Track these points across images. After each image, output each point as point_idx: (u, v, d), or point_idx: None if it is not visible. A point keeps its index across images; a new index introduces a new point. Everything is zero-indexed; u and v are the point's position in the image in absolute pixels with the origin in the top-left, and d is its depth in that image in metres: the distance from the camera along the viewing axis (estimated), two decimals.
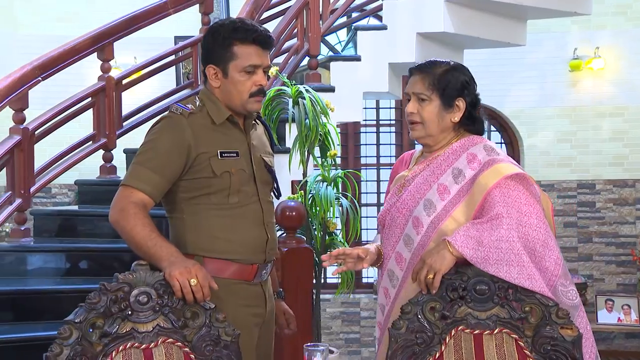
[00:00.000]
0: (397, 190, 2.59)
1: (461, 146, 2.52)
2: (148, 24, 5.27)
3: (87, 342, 2.12)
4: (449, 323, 2.32)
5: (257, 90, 2.56)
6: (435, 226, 2.45)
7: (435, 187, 2.48)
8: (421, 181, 2.52)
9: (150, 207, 2.47)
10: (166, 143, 2.48)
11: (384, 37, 5.17)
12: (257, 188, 2.61)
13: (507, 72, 8.39)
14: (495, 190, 2.38)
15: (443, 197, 2.46)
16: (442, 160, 2.51)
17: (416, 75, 2.53)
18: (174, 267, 2.25)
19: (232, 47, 2.53)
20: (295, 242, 3.73)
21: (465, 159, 2.48)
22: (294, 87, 3.98)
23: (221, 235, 2.53)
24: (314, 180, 4.01)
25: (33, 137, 4.68)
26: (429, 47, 5.29)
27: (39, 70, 4.71)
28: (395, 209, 2.55)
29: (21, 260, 4.55)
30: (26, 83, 4.62)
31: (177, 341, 2.23)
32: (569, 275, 2.42)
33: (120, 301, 2.18)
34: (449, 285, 2.32)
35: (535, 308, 2.28)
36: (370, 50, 5.11)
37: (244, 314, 2.55)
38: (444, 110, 2.49)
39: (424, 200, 2.48)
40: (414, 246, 2.48)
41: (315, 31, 4.95)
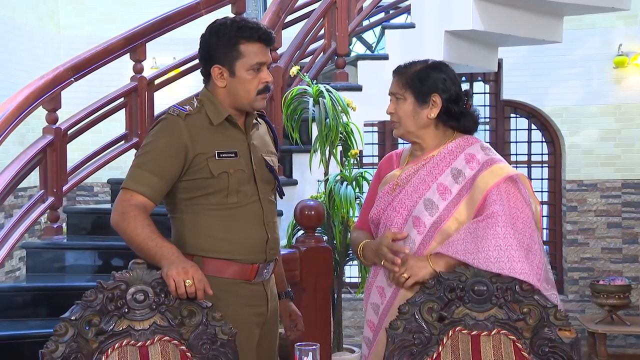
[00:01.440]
0: (390, 189, 2.60)
1: (457, 146, 2.55)
2: (180, 25, 5.31)
3: (82, 340, 2.16)
4: (447, 324, 2.30)
5: (264, 88, 2.58)
6: (438, 226, 2.47)
7: (434, 187, 2.51)
8: (418, 181, 2.54)
9: (151, 209, 2.49)
10: (163, 145, 2.50)
11: (412, 36, 5.15)
12: (258, 188, 2.61)
13: (548, 70, 8.26)
14: (494, 189, 2.42)
15: (444, 197, 2.48)
16: (439, 160, 2.54)
17: (394, 76, 2.61)
18: (172, 267, 2.27)
19: (238, 45, 2.54)
20: (314, 241, 3.73)
21: (463, 159, 2.52)
22: (314, 87, 3.98)
23: (220, 235, 2.54)
24: (334, 180, 4.00)
25: (65, 137, 4.78)
26: (457, 45, 5.25)
27: (71, 71, 4.80)
28: (392, 208, 2.56)
29: (54, 257, 4.65)
30: (59, 84, 4.71)
31: (174, 339, 2.25)
32: (552, 280, 2.47)
33: (116, 299, 2.21)
34: (447, 286, 2.31)
35: (534, 309, 2.26)
36: (399, 48, 5.09)
37: (245, 314, 2.56)
38: (418, 106, 2.54)
39: (424, 200, 2.50)
40: (415, 246, 2.49)
41: (342, 30, 4.95)
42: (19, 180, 4.52)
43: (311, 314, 3.72)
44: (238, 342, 2.50)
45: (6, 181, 4.30)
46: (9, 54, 7.01)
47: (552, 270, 8.35)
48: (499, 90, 8.76)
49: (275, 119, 4.54)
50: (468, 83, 8.94)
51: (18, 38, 7.29)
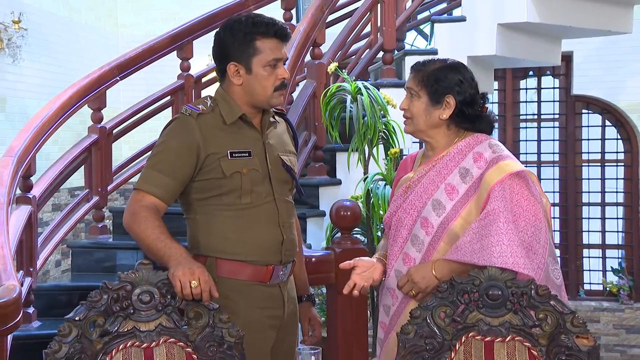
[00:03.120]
0: (403, 192, 2.62)
1: (467, 145, 2.54)
2: None
3: (87, 340, 2.19)
4: (460, 329, 2.27)
5: (281, 84, 2.58)
6: (445, 226, 2.49)
7: (442, 187, 2.52)
8: (428, 182, 2.55)
9: (163, 209, 2.53)
10: (175, 145, 2.53)
11: (463, 29, 5.09)
12: (273, 188, 2.61)
13: (624, 62, 8.05)
14: (497, 186, 2.43)
15: (452, 197, 2.50)
16: (448, 160, 2.54)
17: (412, 72, 2.61)
18: (179, 267, 2.30)
19: (254, 42, 2.55)
20: (350, 243, 3.72)
21: (471, 158, 2.51)
22: (353, 84, 3.98)
23: (234, 236, 2.55)
24: (372, 180, 3.98)
25: (110, 136, 4.90)
26: (512, 38, 5.16)
27: (117, 70, 4.91)
28: (402, 210, 2.59)
29: (99, 256, 4.76)
30: (104, 83, 4.83)
31: (180, 341, 2.27)
32: (557, 257, 2.50)
33: (122, 300, 2.24)
34: (460, 290, 2.27)
35: (550, 315, 2.21)
36: (448, 43, 5.05)
37: (258, 316, 2.57)
38: (431, 106, 2.54)
39: (432, 201, 2.52)
40: (423, 247, 2.51)
41: (389, 24, 4.93)
42: (64, 179, 4.65)
43: (347, 317, 3.72)
44: (251, 344, 2.53)
45: (50, 180, 4.44)
46: (68, 54, 7.23)
47: (629, 276, 8.22)
48: (569, 84, 8.59)
49: (316, 118, 4.56)
50: (536, 78, 8.80)
51: (76, 37, 7.51)
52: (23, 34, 6.28)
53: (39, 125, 4.25)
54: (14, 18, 6.24)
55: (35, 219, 4.24)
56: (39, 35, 6.78)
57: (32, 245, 4.21)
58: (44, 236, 4.49)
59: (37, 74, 6.73)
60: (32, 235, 4.20)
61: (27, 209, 4.16)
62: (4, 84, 6.40)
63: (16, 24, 6.20)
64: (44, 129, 4.29)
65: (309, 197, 4.65)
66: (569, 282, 8.43)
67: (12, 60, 6.29)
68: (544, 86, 8.82)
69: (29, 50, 6.49)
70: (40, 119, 4.31)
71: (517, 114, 8.76)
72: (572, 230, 8.68)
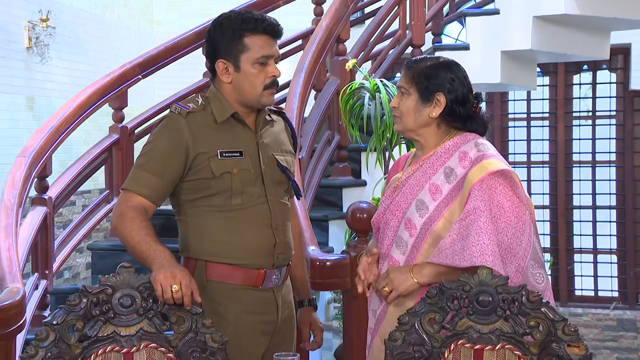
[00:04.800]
0: (391, 192, 2.63)
1: (454, 144, 2.55)
2: None
3: (64, 345, 2.23)
4: (449, 336, 2.27)
5: (271, 82, 2.60)
6: (428, 227, 2.50)
7: (427, 187, 2.53)
8: (414, 182, 2.57)
9: (152, 210, 2.57)
10: (164, 144, 2.57)
11: (496, 23, 5.06)
12: (266, 189, 2.63)
13: None
14: (477, 184, 2.43)
15: (435, 197, 2.51)
16: (435, 160, 2.55)
17: (403, 69, 2.62)
18: (161, 271, 2.33)
19: (242, 38, 2.57)
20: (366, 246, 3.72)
21: (457, 157, 2.52)
22: (372, 81, 3.98)
23: (224, 238, 2.58)
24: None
25: (132, 136, 4.98)
26: (549, 31, 5.10)
27: (139, 68, 5.01)
28: (389, 211, 2.59)
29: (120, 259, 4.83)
30: (125, 81, 4.93)
31: (161, 346, 2.30)
32: (542, 261, 2.47)
33: (102, 304, 2.27)
34: (449, 296, 2.27)
35: (542, 323, 2.19)
36: (481, 37, 5.02)
37: (250, 322, 2.60)
38: (421, 104, 2.55)
39: (416, 201, 2.53)
40: (407, 249, 2.52)
41: (419, 19, 4.91)
42: (83, 180, 4.75)
43: (362, 323, 3.71)
44: (241, 350, 2.57)
45: (67, 180, 4.54)
46: (99, 52, 7.37)
47: None
48: (627, 79, 8.43)
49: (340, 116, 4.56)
50: (591, 72, 8.66)
51: (108, 35, 7.65)
52: (51, 32, 6.42)
53: (55, 126, 4.36)
54: (42, 16, 6.37)
55: (52, 220, 4.35)
56: (68, 33, 6.92)
57: (48, 247, 4.32)
58: (61, 238, 4.60)
59: (66, 72, 6.87)
60: (47, 237, 4.31)
61: (42, 210, 4.27)
62: (32, 83, 6.55)
63: (44, 22, 6.34)
64: (60, 129, 4.40)
65: (332, 199, 4.67)
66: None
67: (40, 59, 6.44)
68: (600, 81, 8.68)
69: (58, 49, 6.64)
70: (57, 119, 4.42)
71: (569, 111, 8.63)
72: (631, 233, 8.53)
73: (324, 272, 3.43)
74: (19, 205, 3.88)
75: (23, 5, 6.41)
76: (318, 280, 3.45)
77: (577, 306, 8.50)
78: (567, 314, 7.97)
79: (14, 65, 6.35)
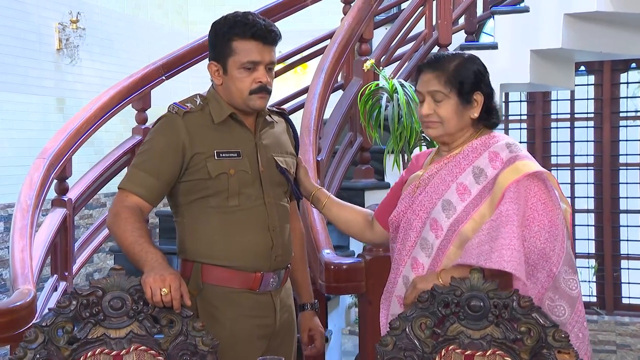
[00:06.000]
0: (412, 191, 2.59)
1: (482, 144, 2.52)
2: (283, 17, 5.43)
3: (54, 347, 2.29)
4: (440, 341, 2.28)
5: (258, 88, 2.63)
6: (455, 229, 2.46)
7: (454, 186, 2.49)
8: (439, 181, 2.53)
9: (147, 210, 2.63)
10: (160, 144, 2.62)
11: (526, 21, 5.02)
12: (264, 190, 2.67)
13: None
14: (512, 186, 2.40)
15: (463, 198, 2.47)
16: (462, 159, 2.51)
17: (428, 72, 2.53)
18: (151, 273, 2.38)
19: (231, 42, 2.61)
20: (382, 250, 3.73)
21: (486, 158, 2.48)
22: (390, 82, 3.99)
23: (220, 240, 2.62)
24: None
25: None
26: (581, 29, 5.05)
27: (162, 70, 5.07)
28: (411, 211, 2.56)
29: None
30: (149, 83, 4.99)
31: (151, 349, 2.34)
32: (575, 267, 2.45)
33: (92, 306, 2.33)
34: (441, 300, 2.28)
35: (533, 328, 2.20)
36: (510, 36, 4.98)
37: (246, 325, 2.63)
38: (462, 107, 2.50)
39: (442, 201, 2.49)
40: (433, 251, 2.48)
41: (445, 17, 4.90)
42: (105, 181, 4.83)
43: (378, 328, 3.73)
44: (237, 354, 2.61)
45: (88, 182, 4.62)
46: (131, 53, 7.50)
47: None
48: None
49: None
50: (638, 70, 8.53)
51: (140, 35, 7.77)
52: (81, 33, 6.56)
53: (75, 127, 4.45)
54: (72, 18, 6.50)
55: (71, 221, 4.43)
56: (99, 34, 7.06)
57: (68, 248, 4.40)
58: (82, 240, 4.69)
59: (97, 73, 7.01)
60: (67, 238, 4.39)
61: (62, 212, 4.35)
62: (63, 85, 6.70)
63: (74, 24, 6.47)
64: (81, 131, 4.48)
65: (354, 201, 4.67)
66: None
67: (70, 61, 6.58)
68: None
69: (88, 50, 6.78)
70: (77, 120, 4.51)
71: (615, 111, 8.50)
72: None
73: (338, 275, 3.43)
74: (36, 207, 3.96)
75: (54, 6, 6.56)
76: (333, 284, 3.46)
77: (624, 315, 8.35)
78: (614, 322, 7.84)
79: (44, 67, 6.49)
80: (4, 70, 6.27)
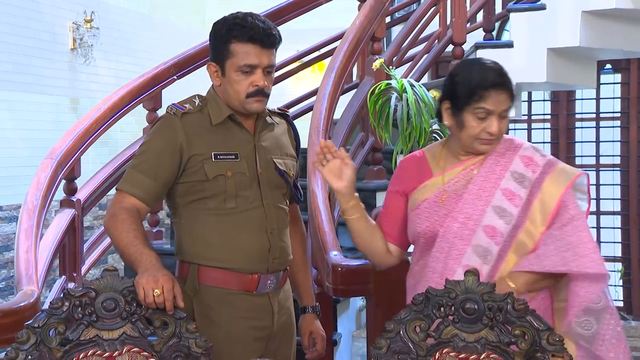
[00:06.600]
0: (438, 199, 2.59)
1: (506, 148, 2.59)
2: (296, 15, 5.47)
3: (46, 348, 2.33)
4: (434, 344, 2.30)
5: (255, 91, 2.66)
6: (514, 234, 2.53)
7: (498, 193, 2.55)
8: (476, 188, 2.57)
9: (145, 211, 2.67)
10: (158, 145, 2.67)
11: (543, 19, 5.00)
12: (262, 192, 2.69)
13: None
14: (569, 190, 2.54)
15: (516, 204, 2.54)
16: (493, 164, 2.58)
17: (502, 91, 2.52)
18: (144, 274, 2.42)
19: (229, 44, 2.65)
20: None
21: (521, 162, 2.57)
22: (400, 81, 4.00)
23: (217, 242, 2.66)
24: None
25: None
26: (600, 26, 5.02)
27: (174, 69, 5.12)
28: (451, 218, 2.57)
29: None
30: (160, 82, 5.04)
31: (144, 350, 2.38)
32: None
33: (85, 307, 2.37)
34: (435, 303, 2.30)
35: (527, 332, 2.21)
36: (526, 34, 4.98)
37: (242, 327, 2.67)
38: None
39: (493, 208, 2.54)
40: (492, 257, 2.53)
41: (460, 15, 4.90)
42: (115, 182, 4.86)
43: None
44: (232, 355, 2.64)
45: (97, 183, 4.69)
46: (146, 52, 7.57)
47: None
48: None
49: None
50: None
51: (156, 35, 7.84)
52: (95, 33, 6.63)
53: (84, 127, 4.50)
54: (86, 17, 6.57)
55: (80, 222, 4.49)
56: (114, 33, 7.13)
57: (77, 250, 4.46)
58: (91, 240, 4.75)
59: (112, 73, 7.08)
60: (75, 239, 4.44)
61: (70, 213, 4.41)
62: (77, 85, 6.77)
63: (88, 23, 6.53)
64: (90, 131, 4.54)
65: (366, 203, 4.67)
66: None
67: (84, 60, 6.64)
68: None
69: (103, 50, 6.84)
70: (87, 120, 4.57)
71: None
72: None
73: (345, 278, 3.43)
74: (42, 207, 4.01)
75: (68, 6, 6.64)
76: (340, 287, 3.46)
77: None
78: None
79: (58, 66, 6.57)
80: (18, 70, 6.35)
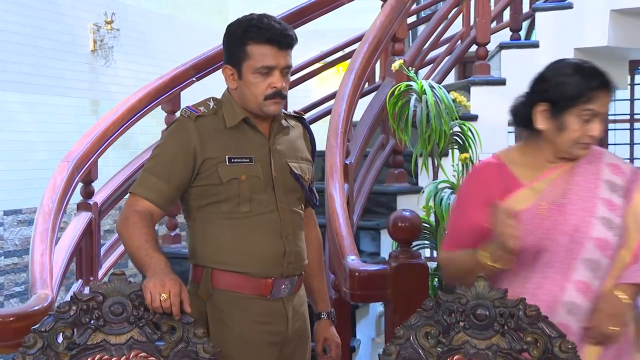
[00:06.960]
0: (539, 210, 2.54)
1: (591, 155, 2.57)
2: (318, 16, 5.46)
3: (53, 352, 2.35)
4: (445, 351, 2.29)
5: (273, 93, 2.66)
6: (620, 247, 2.53)
7: (599, 203, 2.53)
8: (575, 197, 2.54)
9: (158, 215, 2.68)
10: (172, 148, 2.68)
11: (570, 18, 4.96)
12: (276, 196, 2.70)
13: None
14: None
15: (617, 213, 2.53)
16: (583, 171, 2.56)
17: (608, 93, 2.53)
18: (152, 279, 2.43)
19: (245, 46, 2.65)
20: (408, 257, 3.72)
21: (608, 170, 2.57)
22: (419, 83, 3.99)
23: (231, 246, 2.67)
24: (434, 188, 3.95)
25: None
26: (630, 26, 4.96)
27: (193, 71, 5.13)
28: (558, 231, 2.52)
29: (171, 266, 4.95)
30: (179, 84, 5.05)
31: (152, 355, 2.39)
32: None
33: (92, 311, 2.38)
34: (445, 309, 2.29)
35: (539, 339, 2.20)
36: (552, 34, 4.93)
37: (256, 331, 2.67)
38: None
39: (600, 219, 2.51)
40: (602, 271, 2.51)
41: (484, 15, 4.88)
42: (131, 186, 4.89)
43: None
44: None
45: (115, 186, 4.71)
46: (167, 53, 7.61)
47: None
48: None
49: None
50: None
51: (177, 36, 7.88)
52: (115, 34, 6.67)
53: (102, 130, 4.53)
54: (107, 19, 6.61)
55: (97, 225, 4.51)
56: (135, 34, 7.17)
57: (93, 253, 4.48)
58: (108, 244, 4.77)
59: (132, 75, 7.12)
60: (92, 243, 4.47)
61: (87, 216, 4.43)
62: (97, 87, 6.82)
63: (108, 25, 6.58)
64: (107, 134, 4.56)
65: (386, 206, 4.69)
66: None
67: (104, 62, 6.68)
68: None
69: (123, 51, 6.89)
70: (104, 123, 4.59)
71: None
72: None
73: (363, 283, 3.42)
74: (58, 210, 4.03)
75: (88, 7, 6.69)
76: (357, 292, 3.44)
77: None
78: None
79: (78, 68, 6.62)
80: (38, 72, 6.41)
